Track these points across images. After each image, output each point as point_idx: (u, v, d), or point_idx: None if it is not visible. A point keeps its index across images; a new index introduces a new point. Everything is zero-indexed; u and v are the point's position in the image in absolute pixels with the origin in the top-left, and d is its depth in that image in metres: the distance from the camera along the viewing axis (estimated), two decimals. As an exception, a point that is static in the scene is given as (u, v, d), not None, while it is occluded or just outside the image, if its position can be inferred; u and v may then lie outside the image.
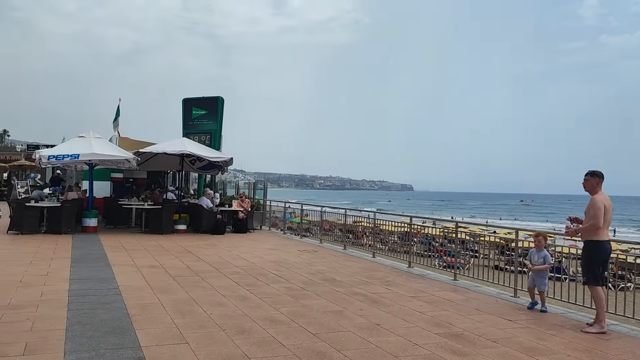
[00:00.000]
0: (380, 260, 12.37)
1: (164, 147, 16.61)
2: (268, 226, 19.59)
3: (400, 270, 11.01)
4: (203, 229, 16.84)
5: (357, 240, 15.43)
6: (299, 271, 10.25)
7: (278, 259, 11.71)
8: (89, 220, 16.03)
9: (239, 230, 17.55)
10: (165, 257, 11.30)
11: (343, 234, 14.61)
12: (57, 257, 10.80)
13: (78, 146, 15.49)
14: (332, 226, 16.83)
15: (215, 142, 22.63)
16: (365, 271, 10.69)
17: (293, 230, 18.69)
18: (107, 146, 15.94)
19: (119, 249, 12.43)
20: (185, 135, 22.93)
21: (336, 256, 12.79)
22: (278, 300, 7.59)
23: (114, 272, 9.23)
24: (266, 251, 13.11)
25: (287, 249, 13.68)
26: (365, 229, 18.53)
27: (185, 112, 23.64)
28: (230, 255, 11.99)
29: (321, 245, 14.94)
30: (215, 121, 22.99)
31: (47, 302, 6.91)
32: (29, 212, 14.84)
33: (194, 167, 19.26)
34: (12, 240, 13.49)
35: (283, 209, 19.25)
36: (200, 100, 23.68)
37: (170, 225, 16.43)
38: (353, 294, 8.26)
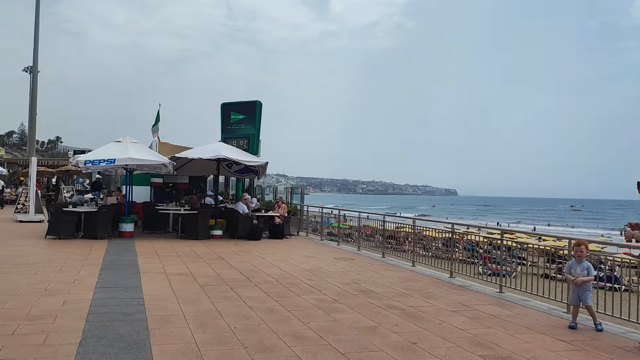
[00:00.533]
0: (420, 270, 11.72)
1: (199, 151, 16.42)
2: (305, 232, 19.15)
3: (441, 281, 10.35)
4: (239, 234, 16.54)
5: (399, 247, 14.76)
6: (333, 281, 9.73)
7: (312, 267, 11.23)
8: (125, 226, 15.97)
9: (275, 236, 17.17)
10: (197, 264, 10.99)
11: (383, 240, 14.00)
12: (89, 263, 10.64)
13: (114, 151, 15.45)
14: (374, 231, 16.27)
15: (253, 147, 22.42)
16: (403, 281, 10.09)
17: (333, 236, 18.12)
18: (143, 151, 15.86)
19: (152, 255, 12.22)
20: (223, 140, 22.83)
21: (373, 265, 12.22)
22: (307, 314, 7.10)
23: (141, 280, 8.95)
24: (301, 259, 12.66)
25: (323, 257, 13.19)
26: (407, 235, 17.84)
27: (224, 117, 23.55)
28: (263, 263, 11.59)
29: (359, 253, 14.38)
30: (253, 125, 22.79)
31: (67, 312, 6.63)
32: (66, 217, 14.87)
33: (230, 170, 19.03)
34: (48, 245, 13.49)
35: (320, 214, 18.77)
36: (239, 104, 23.54)
37: (206, 230, 16.19)
38: (389, 307, 7.69)
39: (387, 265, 12.28)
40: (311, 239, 18.05)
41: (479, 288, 9.75)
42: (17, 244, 13.46)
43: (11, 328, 5.85)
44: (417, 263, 12.22)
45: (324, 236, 17.86)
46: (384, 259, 13.23)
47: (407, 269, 11.83)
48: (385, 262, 12.81)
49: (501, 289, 9.37)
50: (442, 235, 12.88)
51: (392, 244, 14.39)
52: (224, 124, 23.45)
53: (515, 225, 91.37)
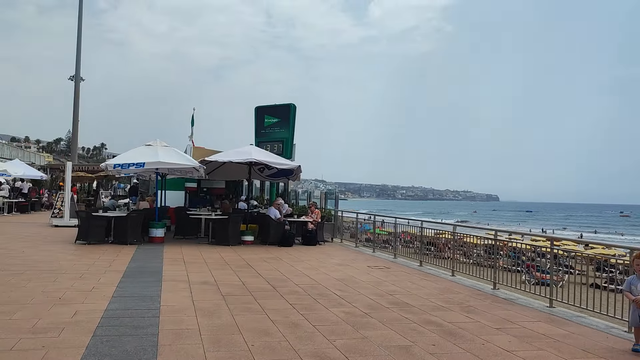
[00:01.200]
0: (460, 280, 10.90)
1: (229, 155, 15.99)
2: (340, 238, 18.48)
3: (483, 293, 9.52)
4: (270, 240, 16.02)
5: (439, 253, 13.86)
6: (366, 292, 9.05)
7: (344, 277, 10.56)
8: (155, 231, 15.66)
9: (308, 243, 16.57)
10: (222, 272, 10.48)
11: (421, 247, 13.19)
12: (112, 270, 10.26)
13: (144, 155, 15.17)
14: (413, 238, 15.51)
15: (287, 151, 21.95)
16: (442, 293, 9.31)
17: (370, 242, 17.31)
18: (173, 154, 15.53)
19: (178, 261, 11.79)
20: (257, 144, 22.45)
21: (410, 274, 11.46)
22: (335, 330, 6.45)
23: (161, 289, 8.47)
24: (333, 267, 12.01)
25: (356, 265, 12.50)
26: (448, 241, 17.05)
27: (258, 121, 23.17)
28: (292, 271, 11.00)
29: (395, 261, 13.63)
30: (287, 129, 22.33)
31: (75, 324, 6.17)
32: (95, 222, 14.65)
33: (263, 174, 18.56)
34: (76, 250, 13.26)
35: (355, 220, 18.04)
36: (272, 108, 23.13)
37: (237, 236, 15.73)
38: (425, 323, 6.96)
39: (424, 274, 11.50)
40: (345, 245, 17.38)
41: (526, 301, 8.89)
42: (47, 249, 13.28)
43: (11, 342, 5.41)
44: (457, 272, 11.39)
45: (359, 243, 17.15)
46: (421, 268, 12.45)
47: (446, 279, 11.02)
48: (422, 271, 12.03)
49: (551, 303, 8.49)
50: (483, 242, 12.02)
51: (432, 251, 13.57)
52: (257, 128, 23.09)
53: (561, 232, 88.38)
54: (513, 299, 9.04)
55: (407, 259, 13.70)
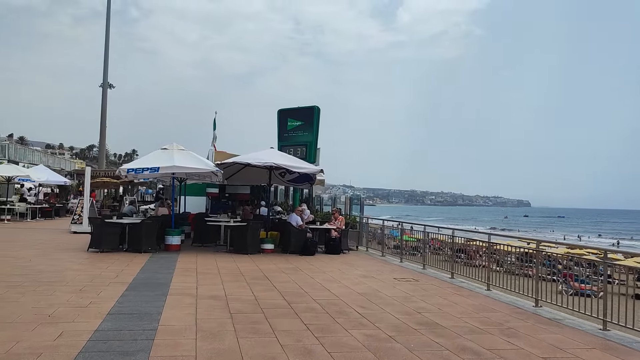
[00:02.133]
0: (497, 295, 9.84)
1: (248, 158, 15.22)
2: (366, 246, 17.52)
3: (524, 311, 8.46)
4: (291, 249, 15.17)
5: (469, 261, 12.76)
6: (391, 309, 8.10)
7: (367, 291, 9.62)
8: (171, 238, 14.97)
9: (331, 252, 15.66)
10: (235, 285, 9.66)
11: (452, 255, 12.14)
12: (117, 281, 9.53)
13: (159, 159, 14.52)
14: (443, 245, 14.52)
15: (310, 155, 21.11)
16: (477, 311, 8.29)
17: (397, 249, 16.22)
18: (190, 158, 14.83)
19: (190, 272, 11.02)
20: (279, 148, 21.67)
21: (441, 287, 10.44)
22: (352, 357, 5.53)
23: (164, 305, 7.67)
24: (356, 279, 11.07)
25: (382, 277, 11.54)
26: (478, 249, 15.98)
27: (281, 124, 22.40)
28: (311, 284, 10.10)
29: (424, 272, 12.62)
30: (310, 132, 21.49)
31: (55, 349, 5.40)
32: (108, 229, 14.02)
33: (284, 179, 17.73)
34: (86, 259, 12.63)
35: (381, 227, 17.04)
36: (296, 110, 22.32)
37: (256, 244, 14.93)
38: (459, 350, 5.98)
39: (456, 288, 10.47)
40: (371, 254, 16.41)
41: (574, 322, 7.81)
42: (57, 258, 12.67)
43: (-26, 372, 4.65)
44: (494, 287, 10.32)
45: (386, 251, 16.14)
46: (453, 280, 11.42)
47: (481, 293, 9.98)
48: (454, 284, 11.00)
49: (605, 325, 7.40)
50: (521, 251, 10.94)
51: (462, 258, 12.47)
52: (280, 131, 22.30)
53: (597, 238, 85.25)
54: (559, 319, 7.96)
55: (437, 270, 12.68)
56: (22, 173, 26.51)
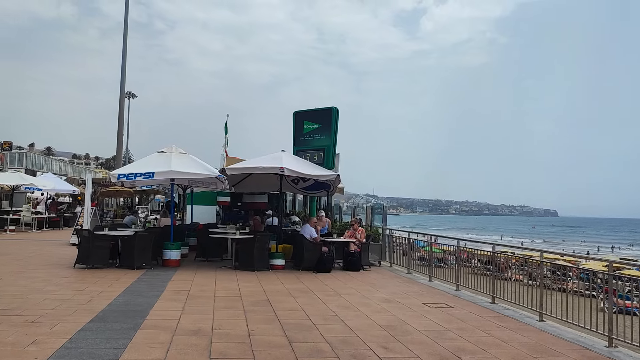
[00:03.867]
0: (554, 328, 7.88)
1: (255, 163, 13.52)
2: (389, 262, 15.62)
3: (596, 354, 6.51)
4: (304, 264, 13.39)
5: (499, 273, 10.63)
6: (422, 350, 6.24)
7: (391, 322, 7.77)
8: (169, 253, 13.32)
9: (350, 268, 13.82)
10: (229, 313, 7.90)
11: (493, 278, 10.19)
12: (86, 308, 7.85)
13: (155, 163, 12.91)
14: (470, 256, 12.60)
15: (328, 160, 19.30)
16: (534, 354, 6.37)
17: (424, 260, 14.20)
18: (189, 163, 13.18)
19: (180, 295, 9.30)
20: (295, 153, 19.95)
21: (481, 316, 8.53)
22: None
23: (129, 345, 5.94)
24: (377, 304, 9.21)
25: (409, 301, 9.65)
26: (508, 260, 14.12)
27: (296, 127, 20.63)
28: (322, 312, 8.29)
29: (457, 294, 10.70)
30: (328, 136, 19.67)
31: None
32: (97, 243, 12.43)
33: (297, 187, 16.00)
34: (66, 278, 11.03)
35: (406, 239, 15.09)
36: (312, 112, 20.54)
37: (264, 259, 13.19)
38: None
39: (500, 318, 8.54)
40: (395, 271, 14.52)
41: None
42: (33, 276, 11.06)
43: None
44: (548, 317, 8.35)
45: (412, 266, 14.18)
46: (494, 306, 9.48)
47: (533, 325, 8.03)
48: (496, 311, 9.07)
49: None
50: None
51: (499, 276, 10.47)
52: (296, 135, 20.52)
53: (630, 249, 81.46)
54: (647, 368, 6.01)
55: (473, 292, 10.72)
56: (26, 181, 25.23)
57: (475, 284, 10.78)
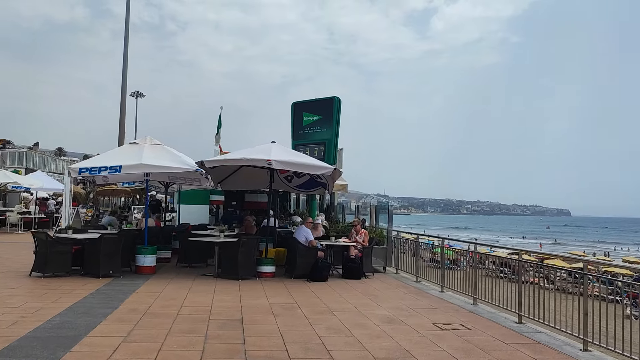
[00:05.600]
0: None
1: (239, 155, 11.79)
2: (395, 268, 13.83)
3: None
4: (297, 272, 11.67)
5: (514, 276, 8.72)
6: (432, 405, 4.47)
7: (392, 354, 6.00)
8: (143, 258, 11.67)
9: (350, 276, 12.07)
10: (183, 341, 6.17)
11: (520, 291, 8.39)
12: (1, 335, 6.18)
13: (124, 156, 11.25)
14: (483, 258, 10.88)
15: (329, 154, 17.58)
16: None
17: (436, 262, 12.18)
18: (164, 155, 11.49)
19: (136, 313, 7.60)
20: (294, 147, 18.23)
21: (507, 343, 6.71)
22: None
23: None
24: (376, 325, 7.44)
25: (415, 320, 7.86)
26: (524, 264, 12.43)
27: (295, 119, 18.91)
28: (305, 338, 6.54)
29: (475, 310, 8.90)
30: (329, 128, 17.93)
31: None
32: (56, 248, 10.78)
33: (291, 184, 14.25)
34: (11, 289, 9.36)
35: (415, 243, 13.24)
36: (312, 103, 18.81)
37: (251, 266, 11.49)
38: None
39: (532, 344, 6.72)
40: (402, 278, 12.74)
41: None
42: (-23, 287, 9.45)
43: None
44: (594, 345, 6.52)
45: (421, 275, 12.36)
46: (522, 328, 7.67)
47: (576, 358, 6.22)
48: (524, 334, 7.25)
49: None
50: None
51: (507, 274, 8.60)
52: (295, 128, 18.79)
53: (637, 250, 78.64)
54: None
55: (495, 308, 8.89)
56: (10, 179, 23.73)
57: (497, 297, 8.90)
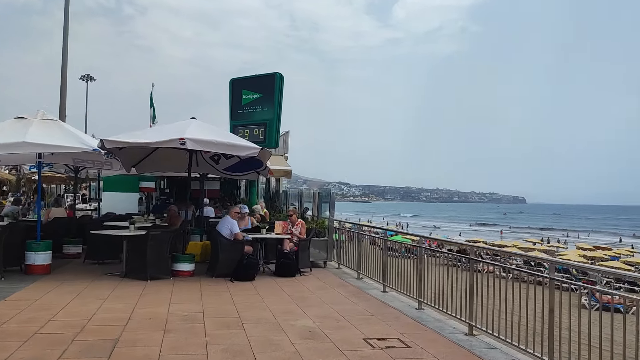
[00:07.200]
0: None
1: (149, 133, 9.99)
2: (337, 262, 12.34)
3: None
4: (219, 270, 10.02)
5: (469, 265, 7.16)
6: None
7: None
8: (34, 256, 9.78)
9: (283, 273, 10.49)
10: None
11: (470, 298, 6.95)
12: None
13: (4, 132, 9.27)
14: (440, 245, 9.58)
15: (271, 136, 15.93)
16: None
17: (393, 251, 10.41)
18: (56, 132, 9.59)
19: (-22, 333, 5.82)
20: (232, 128, 16.53)
21: (454, 367, 5.26)
22: None
23: None
24: (295, 339, 5.86)
25: (345, 333, 6.32)
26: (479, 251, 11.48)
27: (234, 98, 17.08)
28: (188, 368, 4.92)
29: (420, 317, 7.43)
30: (271, 108, 16.22)
31: None
32: None
33: (218, 167, 12.49)
34: None
35: (357, 234, 11.65)
36: (252, 79, 17.03)
37: (162, 264, 9.76)
38: None
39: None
40: (343, 275, 11.23)
41: None
42: None
43: None
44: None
45: (363, 272, 10.82)
46: (473, 341, 6.24)
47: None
48: (474, 350, 5.82)
49: None
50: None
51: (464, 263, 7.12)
52: (233, 107, 16.99)
53: (587, 236, 79.99)
54: None
55: (443, 314, 7.42)
56: None
57: (444, 301, 7.43)
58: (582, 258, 35.03)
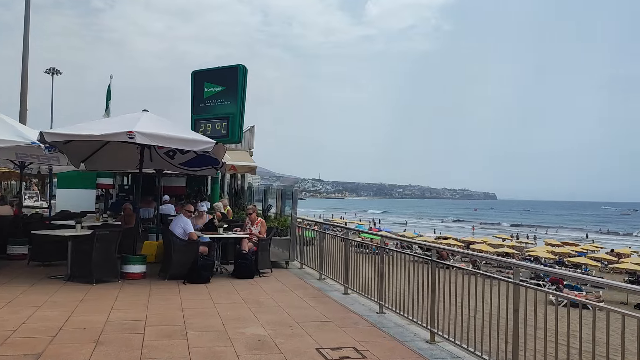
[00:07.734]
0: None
1: (96, 126, 9.31)
2: (300, 261, 11.86)
3: None
4: (172, 272, 9.44)
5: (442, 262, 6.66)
6: None
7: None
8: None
9: (240, 274, 9.96)
10: None
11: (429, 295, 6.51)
12: None
13: None
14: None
15: (234, 131, 15.32)
16: None
17: (364, 248, 9.83)
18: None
19: None
20: (193, 123, 15.91)
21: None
22: None
23: None
24: (242, 350, 5.36)
25: (297, 342, 5.83)
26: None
27: (196, 90, 16.41)
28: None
29: (379, 320, 7.00)
30: (234, 101, 15.60)
31: None
32: None
33: (173, 162, 11.86)
34: None
35: (320, 233, 11.17)
36: (215, 72, 16.35)
37: (111, 266, 9.13)
38: None
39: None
40: (305, 275, 10.76)
41: None
42: None
43: None
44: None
45: (325, 272, 10.37)
46: (435, 348, 5.83)
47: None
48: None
49: None
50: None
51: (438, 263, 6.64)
52: (195, 101, 16.32)
53: (555, 232, 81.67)
54: None
55: (405, 320, 6.98)
56: None
57: (408, 305, 6.99)
58: (550, 254, 35.32)
